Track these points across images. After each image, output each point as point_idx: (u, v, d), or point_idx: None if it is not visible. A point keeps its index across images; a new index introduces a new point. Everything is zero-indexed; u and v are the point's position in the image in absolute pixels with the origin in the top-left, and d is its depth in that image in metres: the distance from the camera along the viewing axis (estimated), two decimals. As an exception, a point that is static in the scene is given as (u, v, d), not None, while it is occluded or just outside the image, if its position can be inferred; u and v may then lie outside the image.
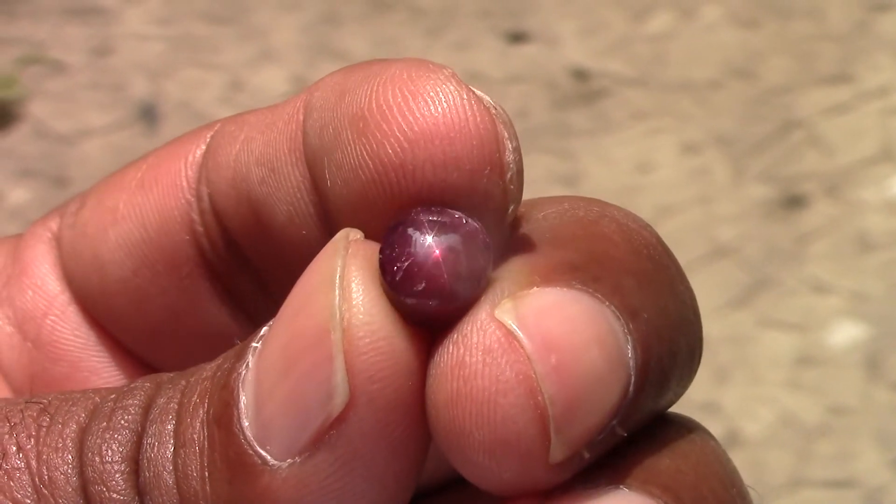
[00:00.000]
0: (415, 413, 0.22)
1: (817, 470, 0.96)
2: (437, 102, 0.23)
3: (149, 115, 1.23)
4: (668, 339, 0.23)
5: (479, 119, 0.23)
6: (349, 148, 0.23)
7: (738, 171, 1.16)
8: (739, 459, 1.09)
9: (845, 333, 1.04)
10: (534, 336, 0.21)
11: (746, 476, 0.25)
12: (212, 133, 0.28)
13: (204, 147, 0.28)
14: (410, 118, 0.23)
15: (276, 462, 0.22)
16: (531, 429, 0.21)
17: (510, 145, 0.23)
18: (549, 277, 0.22)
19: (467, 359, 0.21)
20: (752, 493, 0.24)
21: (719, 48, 1.26)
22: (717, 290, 1.07)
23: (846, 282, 1.07)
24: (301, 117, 0.26)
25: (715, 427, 1.05)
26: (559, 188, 1.15)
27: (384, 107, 0.23)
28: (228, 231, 0.28)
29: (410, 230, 0.22)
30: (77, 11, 1.33)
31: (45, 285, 0.30)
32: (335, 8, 1.32)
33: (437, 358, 0.22)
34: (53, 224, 0.31)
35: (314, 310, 0.22)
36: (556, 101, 1.23)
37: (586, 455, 0.22)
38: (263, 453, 0.22)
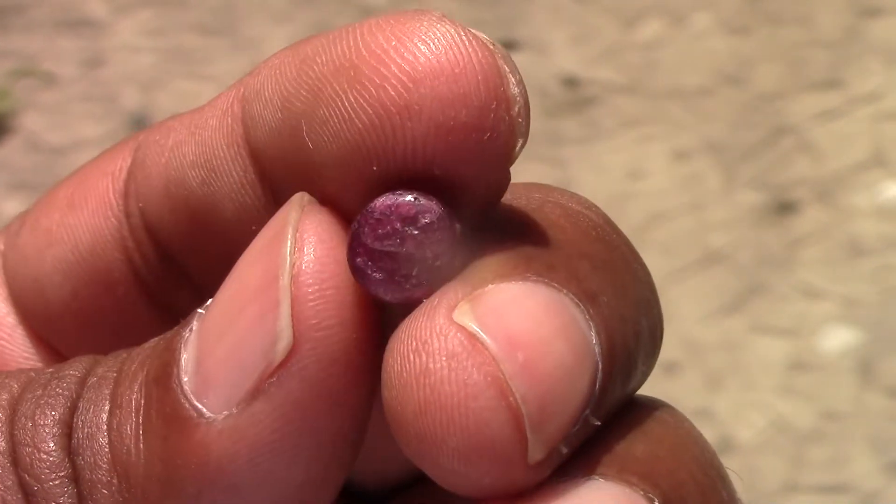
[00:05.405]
0: (356, 368, 0.22)
1: (811, 475, 0.96)
2: (435, 41, 0.22)
3: (140, 126, 1.23)
4: (630, 319, 0.23)
5: (480, 55, 0.22)
6: (340, 100, 0.22)
7: (730, 178, 1.16)
8: (733, 465, 1.09)
9: (838, 339, 1.04)
10: (496, 335, 0.21)
11: (739, 482, 0.25)
12: (136, 145, 0.28)
13: (129, 160, 0.28)
14: (410, 58, 0.22)
15: (211, 414, 0.22)
16: (506, 430, 0.21)
17: (513, 78, 0.22)
18: (503, 272, 0.22)
19: (431, 366, 0.21)
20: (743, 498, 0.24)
21: (710, 55, 1.27)
22: (710, 296, 1.07)
23: (838, 287, 1.07)
24: (237, 110, 0.25)
25: (708, 433, 1.05)
26: (551, 196, 1.15)
27: (378, 51, 0.22)
28: (162, 245, 0.27)
29: (387, 204, 0.22)
30: (69, 24, 1.34)
31: None
32: (326, 19, 1.32)
33: (398, 368, 0.21)
34: (0, 244, 0.30)
35: (265, 259, 0.22)
36: (548, 109, 1.23)
37: (564, 450, 0.21)
38: (199, 406, 0.22)
